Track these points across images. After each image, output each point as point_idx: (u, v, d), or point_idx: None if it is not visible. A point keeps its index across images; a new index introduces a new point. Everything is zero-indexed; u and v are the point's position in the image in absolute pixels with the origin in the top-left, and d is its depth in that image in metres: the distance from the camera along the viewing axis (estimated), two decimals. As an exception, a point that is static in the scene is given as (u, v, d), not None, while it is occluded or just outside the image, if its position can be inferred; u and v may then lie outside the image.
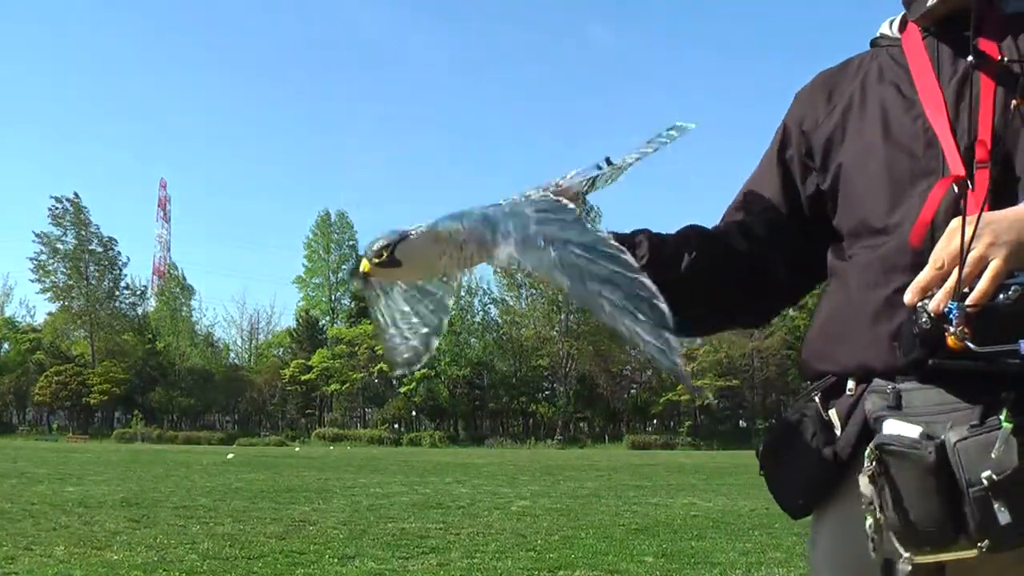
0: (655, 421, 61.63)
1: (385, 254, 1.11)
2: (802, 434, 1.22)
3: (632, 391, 61.89)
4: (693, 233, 1.30)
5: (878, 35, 1.34)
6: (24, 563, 6.29)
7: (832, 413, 1.20)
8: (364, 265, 1.13)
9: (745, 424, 59.21)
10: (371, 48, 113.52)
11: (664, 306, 0.96)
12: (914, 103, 1.21)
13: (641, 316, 0.97)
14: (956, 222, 1.05)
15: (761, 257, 1.31)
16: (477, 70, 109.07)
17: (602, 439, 57.23)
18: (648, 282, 0.98)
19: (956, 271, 1.01)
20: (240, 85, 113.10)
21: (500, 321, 61.34)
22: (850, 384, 1.19)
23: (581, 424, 62.12)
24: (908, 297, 1.05)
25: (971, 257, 1.01)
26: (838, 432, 1.19)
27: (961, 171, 1.12)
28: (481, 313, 61.27)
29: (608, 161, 1.26)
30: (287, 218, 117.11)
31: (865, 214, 1.22)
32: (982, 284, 1.00)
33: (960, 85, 1.19)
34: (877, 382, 1.15)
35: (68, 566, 6.21)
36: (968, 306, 1.00)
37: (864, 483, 1.08)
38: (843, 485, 1.18)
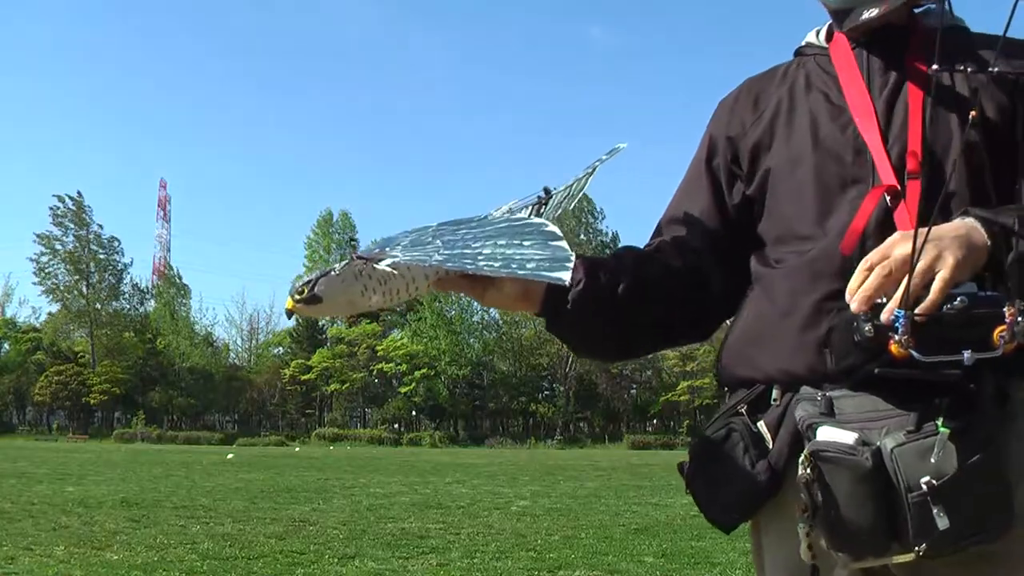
0: (655, 421, 61.60)
1: (306, 291, 1.13)
2: (731, 449, 1.21)
3: (632, 391, 61.88)
4: (628, 255, 1.31)
5: (804, 44, 1.34)
6: (24, 563, 6.29)
7: (761, 425, 1.20)
8: (288, 302, 1.15)
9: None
10: (371, 47, 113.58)
11: (553, 227, 1.06)
12: (843, 111, 1.22)
13: (527, 242, 1.06)
14: (898, 234, 1.06)
15: (697, 271, 1.31)
16: (477, 69, 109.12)
17: (602, 439, 57.21)
18: (542, 221, 1.08)
19: (905, 280, 1.01)
20: (240, 85, 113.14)
21: (500, 321, 61.32)
22: (775, 393, 1.19)
23: (581, 424, 62.10)
24: (855, 304, 1.04)
25: (919, 267, 1.01)
26: (769, 444, 1.19)
27: (893, 181, 1.14)
28: (481, 313, 61.25)
29: (547, 191, 1.29)
30: (287, 218, 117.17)
31: (792, 220, 1.22)
32: (933, 294, 1.00)
33: (891, 96, 1.20)
34: (806, 390, 1.15)
35: (68, 566, 6.21)
36: (916, 315, 1.00)
37: (799, 490, 1.08)
38: (779, 495, 1.18)
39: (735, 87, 1.39)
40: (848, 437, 1.05)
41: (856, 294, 1.05)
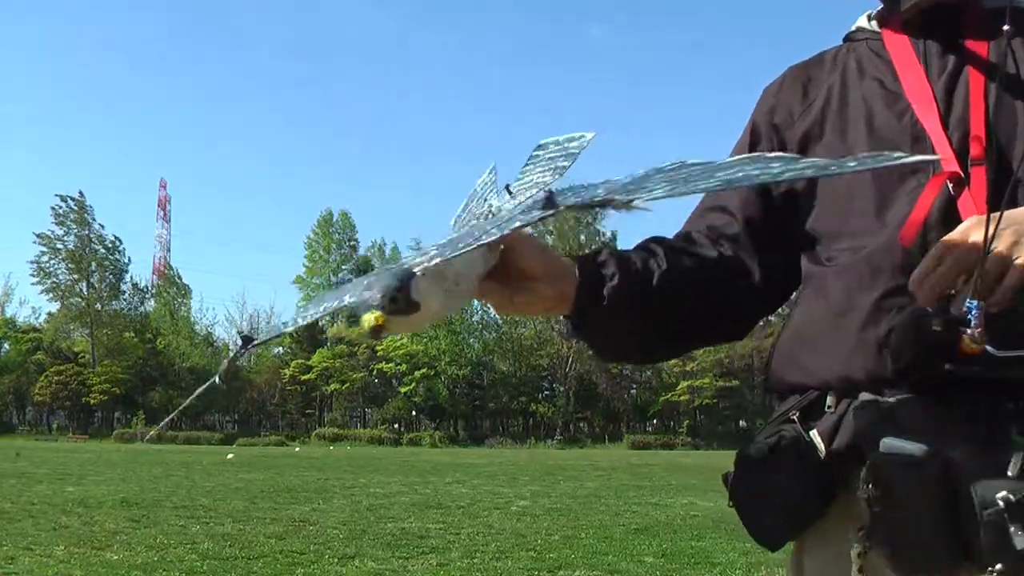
0: (655, 421, 61.59)
1: (400, 299, 0.87)
2: (781, 459, 1.11)
3: (632, 391, 61.87)
4: (658, 246, 1.20)
5: (854, 28, 1.28)
6: (24, 563, 6.29)
7: (814, 434, 1.10)
8: (375, 317, 0.87)
9: (745, 424, 59.20)
10: (371, 47, 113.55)
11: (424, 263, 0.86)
12: (899, 97, 1.15)
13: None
14: (974, 219, 0.98)
15: (734, 262, 1.22)
16: (476, 68, 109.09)
17: (602, 439, 57.20)
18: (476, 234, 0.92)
19: (977, 270, 0.93)
20: (240, 85, 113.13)
21: (500, 321, 61.30)
22: (829, 400, 1.10)
23: (581, 424, 62.08)
24: (923, 296, 0.96)
25: (993, 254, 0.93)
26: (822, 454, 1.09)
27: (955, 168, 1.06)
28: (480, 312, 61.22)
29: (508, 189, 1.15)
30: (287, 218, 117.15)
31: (846, 215, 1.15)
32: (1009, 283, 0.93)
33: (950, 80, 1.13)
34: (865, 396, 1.06)
35: (68, 566, 6.21)
36: (991, 306, 0.92)
37: (859, 506, 1.00)
38: (831, 511, 1.10)
39: (779, 74, 1.32)
40: (915, 448, 0.97)
41: (923, 284, 0.97)
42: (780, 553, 1.23)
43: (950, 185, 1.06)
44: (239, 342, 1.02)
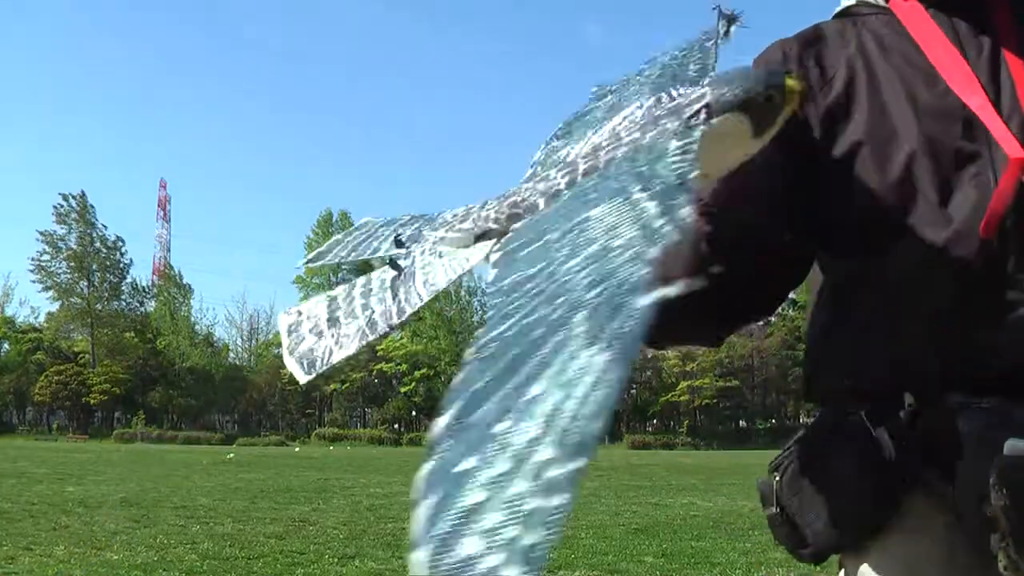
0: (655, 421, 61.59)
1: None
2: (842, 460, 1.04)
3: (632, 391, 61.87)
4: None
5: (854, 2, 1.20)
6: (24, 563, 6.29)
7: (882, 433, 1.02)
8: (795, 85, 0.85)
9: (745, 424, 59.21)
10: (370, 46, 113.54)
11: None
12: (936, 78, 1.08)
13: None
14: None
15: (734, 259, 1.12)
16: (476, 66, 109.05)
17: (602, 439, 56.76)
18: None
19: None
20: (240, 85, 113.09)
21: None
22: (908, 399, 1.02)
23: (581, 424, 62.10)
24: None
25: None
26: (891, 455, 1.02)
27: (1021, 153, 1.02)
28: (480, 313, 61.19)
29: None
30: (287, 218, 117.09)
31: (900, 202, 1.06)
32: None
33: (991, 62, 1.08)
34: (956, 398, 1.00)
35: (68, 566, 6.21)
36: None
37: (996, 515, 0.93)
38: (899, 518, 1.02)
39: (764, 49, 1.21)
40: None
41: None
42: (780, 552, 1.20)
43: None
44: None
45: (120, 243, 64.96)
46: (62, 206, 62.91)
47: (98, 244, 63.82)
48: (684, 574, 6.46)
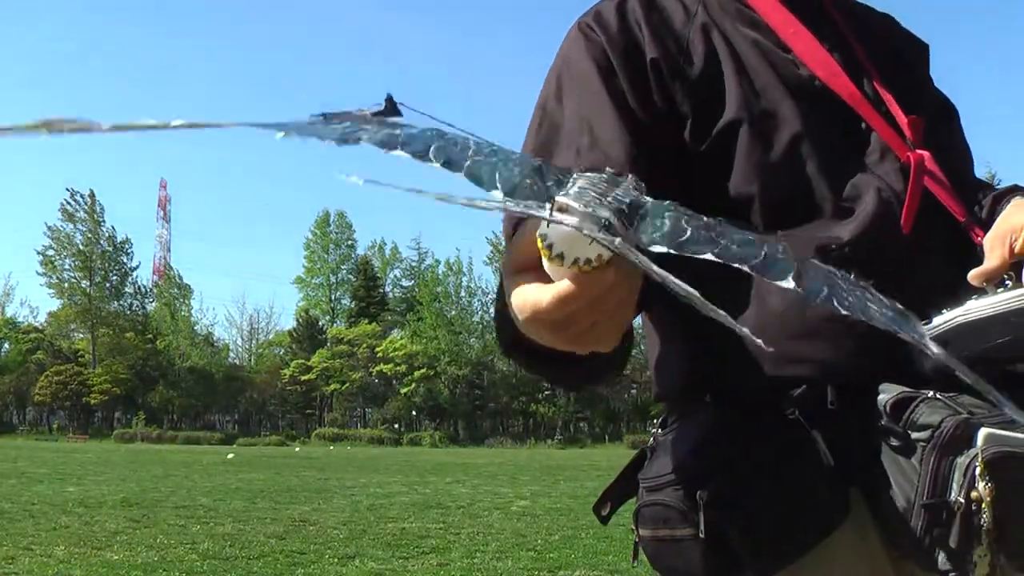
0: (655, 421, 61.39)
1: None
2: (793, 465, 0.95)
3: (632, 391, 61.88)
4: None
5: None
6: (24, 563, 6.29)
7: (816, 435, 0.94)
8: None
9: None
10: (369, 45, 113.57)
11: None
12: (796, 62, 1.03)
13: None
14: (1015, 205, 0.97)
15: None
16: (475, 66, 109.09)
17: (602, 439, 57.20)
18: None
19: None
20: (240, 85, 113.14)
21: (500, 321, 61.24)
22: (831, 395, 0.95)
23: (581, 424, 62.09)
24: (977, 281, 0.93)
25: None
26: (827, 458, 0.94)
27: (911, 149, 1.00)
28: (481, 313, 61.21)
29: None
30: (287, 218, 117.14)
31: (793, 188, 0.99)
32: None
33: (844, 52, 1.05)
34: (901, 391, 0.92)
35: (68, 566, 6.21)
36: None
37: (981, 504, 0.86)
38: (842, 529, 0.94)
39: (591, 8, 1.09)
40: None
41: (978, 279, 0.93)
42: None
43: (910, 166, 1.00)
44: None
45: (128, 245, 65.08)
46: (70, 203, 62.89)
47: (104, 243, 63.82)
48: (684, 574, 6.46)
